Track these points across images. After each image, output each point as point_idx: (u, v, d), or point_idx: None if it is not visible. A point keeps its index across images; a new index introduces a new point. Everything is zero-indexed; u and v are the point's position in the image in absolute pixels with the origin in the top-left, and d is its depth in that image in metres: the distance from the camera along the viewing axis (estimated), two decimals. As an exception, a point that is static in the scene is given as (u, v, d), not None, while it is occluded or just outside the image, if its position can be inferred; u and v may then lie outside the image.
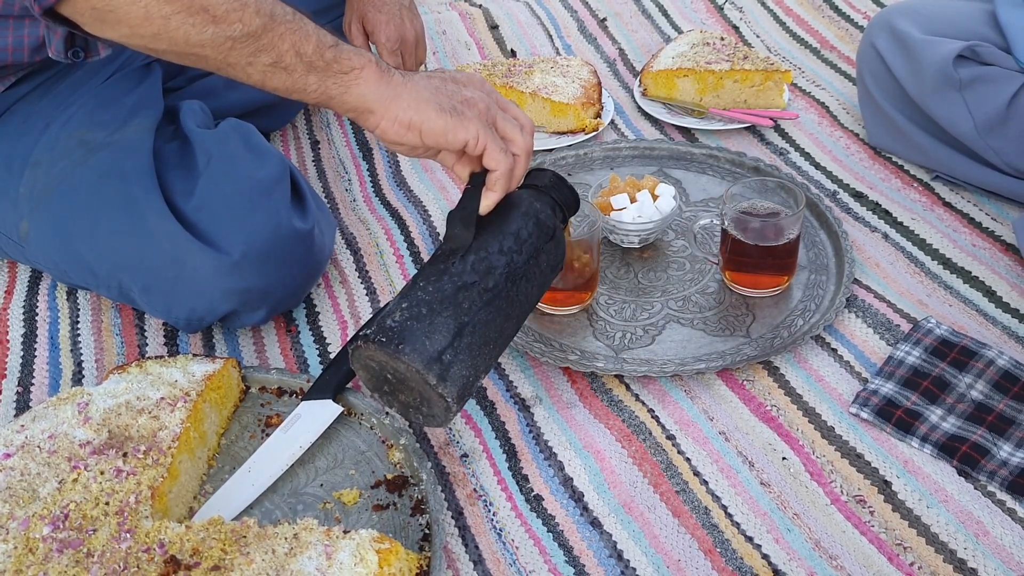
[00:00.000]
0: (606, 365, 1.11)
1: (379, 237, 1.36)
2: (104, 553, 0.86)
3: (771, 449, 1.05)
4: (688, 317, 1.18)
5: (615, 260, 1.27)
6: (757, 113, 1.52)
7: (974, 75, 1.28)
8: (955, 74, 1.28)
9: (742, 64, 1.53)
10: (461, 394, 0.89)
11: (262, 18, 0.85)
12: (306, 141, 1.57)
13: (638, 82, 1.61)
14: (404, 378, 0.88)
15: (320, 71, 0.88)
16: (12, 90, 1.19)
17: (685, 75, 1.54)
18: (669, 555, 0.95)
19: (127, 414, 0.98)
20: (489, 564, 0.96)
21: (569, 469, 1.04)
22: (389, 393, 0.93)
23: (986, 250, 1.28)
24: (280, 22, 0.86)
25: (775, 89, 1.52)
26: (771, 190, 1.20)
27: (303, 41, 0.87)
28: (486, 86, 0.95)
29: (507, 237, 0.93)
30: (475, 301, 0.89)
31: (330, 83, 0.89)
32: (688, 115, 1.54)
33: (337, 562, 0.84)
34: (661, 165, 1.43)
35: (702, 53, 1.57)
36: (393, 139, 0.92)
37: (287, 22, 0.86)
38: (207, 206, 1.11)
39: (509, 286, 0.92)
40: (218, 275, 1.09)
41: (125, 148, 1.14)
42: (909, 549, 0.95)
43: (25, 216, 1.17)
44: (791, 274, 1.21)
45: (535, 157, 1.45)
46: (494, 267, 0.91)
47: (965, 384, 1.07)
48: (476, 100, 0.91)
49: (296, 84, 0.88)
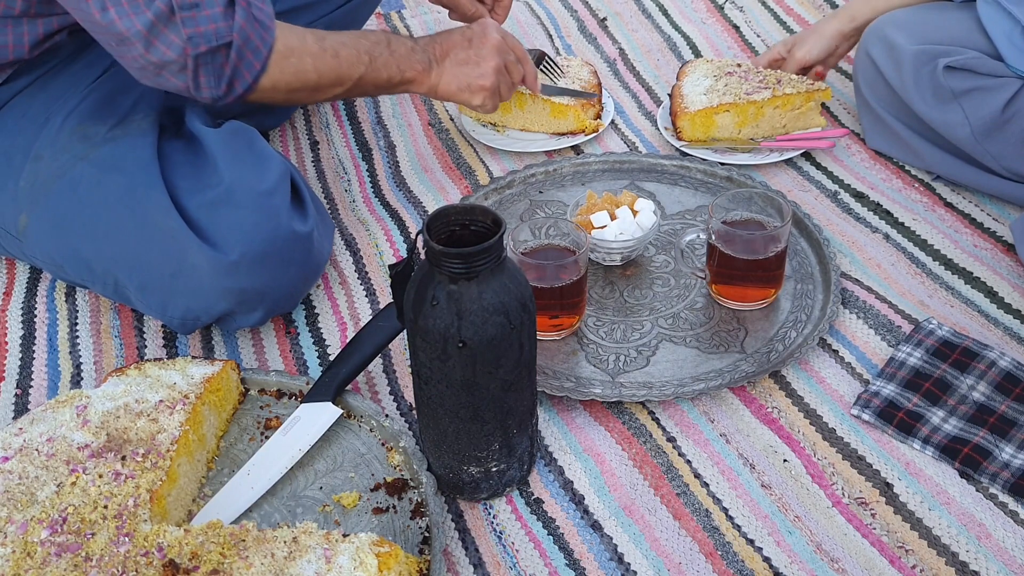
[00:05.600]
0: (604, 391, 1.09)
1: (379, 238, 1.36)
2: (102, 557, 0.85)
3: (772, 451, 1.04)
4: (681, 335, 1.16)
5: (598, 279, 1.24)
6: (810, 136, 1.45)
7: (967, 84, 1.28)
8: (946, 84, 1.28)
9: (782, 89, 1.46)
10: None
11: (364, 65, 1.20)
12: (305, 141, 1.57)
13: (670, 124, 1.51)
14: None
15: (393, 87, 1.25)
16: (11, 83, 1.19)
17: (726, 110, 1.45)
18: (670, 558, 0.95)
19: (126, 417, 0.98)
20: (489, 567, 0.95)
21: (569, 472, 1.03)
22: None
23: (987, 251, 1.27)
24: (376, 59, 1.21)
25: (814, 109, 1.47)
26: (753, 201, 1.19)
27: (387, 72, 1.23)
28: (496, 40, 1.28)
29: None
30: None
31: (398, 89, 1.26)
32: (738, 152, 1.45)
33: (336, 566, 0.83)
34: (633, 179, 1.41)
35: (732, 84, 1.48)
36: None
37: (380, 57, 1.21)
38: (208, 205, 1.11)
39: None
40: (215, 274, 1.09)
41: (128, 143, 1.14)
42: (911, 552, 0.94)
43: (24, 210, 1.17)
44: (779, 286, 1.20)
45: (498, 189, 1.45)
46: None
47: (967, 386, 1.07)
48: (487, 74, 1.28)
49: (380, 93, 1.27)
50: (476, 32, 1.28)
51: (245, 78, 1.10)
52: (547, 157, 1.48)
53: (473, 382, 0.90)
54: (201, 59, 1.06)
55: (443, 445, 0.96)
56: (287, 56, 1.12)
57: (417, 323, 0.89)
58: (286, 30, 1.13)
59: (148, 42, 1.04)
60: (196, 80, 1.08)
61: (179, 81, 1.08)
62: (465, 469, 0.97)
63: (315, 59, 1.15)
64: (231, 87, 1.10)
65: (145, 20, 1.02)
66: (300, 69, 1.14)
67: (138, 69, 1.08)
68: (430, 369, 0.91)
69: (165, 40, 1.04)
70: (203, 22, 1.05)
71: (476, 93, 1.28)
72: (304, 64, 1.14)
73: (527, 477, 1.02)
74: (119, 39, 1.04)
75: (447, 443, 0.96)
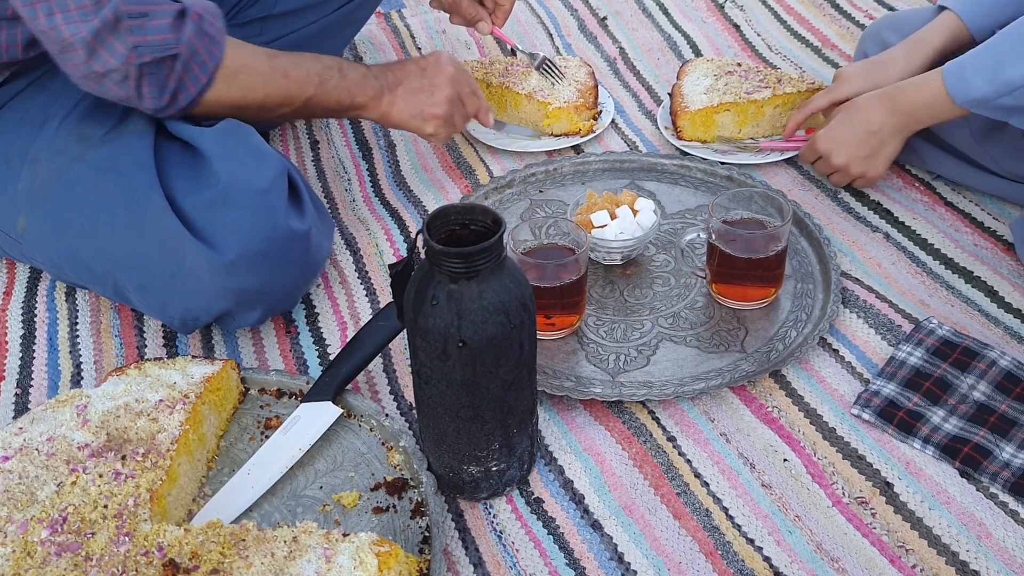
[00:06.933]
0: (604, 391, 1.09)
1: (379, 237, 1.36)
2: (103, 556, 0.85)
3: (772, 451, 1.04)
4: (681, 335, 1.16)
5: (598, 279, 1.24)
6: (806, 140, 1.43)
7: None
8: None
9: (783, 89, 1.46)
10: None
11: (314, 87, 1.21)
12: (305, 141, 1.57)
13: (670, 123, 1.51)
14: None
15: (343, 111, 1.27)
16: (8, 86, 1.19)
17: (727, 109, 1.45)
18: (670, 557, 0.95)
19: (126, 416, 0.98)
20: (489, 567, 0.95)
21: (569, 471, 1.03)
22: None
23: (988, 250, 1.27)
24: (326, 83, 1.22)
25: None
26: (753, 200, 1.19)
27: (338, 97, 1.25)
28: (450, 71, 1.29)
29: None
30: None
31: (349, 114, 1.28)
32: (739, 151, 1.45)
33: (337, 565, 0.83)
34: (633, 178, 1.41)
35: (733, 83, 1.48)
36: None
37: (330, 80, 1.22)
38: (205, 204, 1.10)
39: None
40: (214, 274, 1.09)
41: (125, 144, 1.14)
42: (911, 551, 0.94)
43: (23, 212, 1.17)
44: (779, 285, 1.20)
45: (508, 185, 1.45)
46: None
47: (967, 385, 1.07)
48: (440, 102, 1.29)
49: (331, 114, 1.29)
50: (430, 62, 1.30)
51: (190, 91, 1.11)
52: (547, 157, 1.48)
53: (473, 381, 0.90)
54: (145, 69, 1.07)
55: (443, 444, 0.96)
56: (235, 73, 1.14)
57: (417, 323, 0.89)
58: (237, 47, 1.15)
59: (92, 49, 1.04)
60: (139, 90, 1.08)
61: (121, 90, 1.09)
62: (465, 469, 0.97)
63: (264, 78, 1.16)
64: (175, 99, 1.11)
65: (91, 27, 1.03)
66: (247, 86, 1.15)
67: (80, 77, 1.08)
68: (430, 369, 0.91)
69: (109, 48, 1.04)
70: (151, 32, 1.06)
71: (428, 121, 1.29)
72: (252, 82, 1.15)
73: (527, 477, 1.02)
74: (62, 45, 1.05)
75: (447, 443, 0.96)
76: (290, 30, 1.47)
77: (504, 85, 1.52)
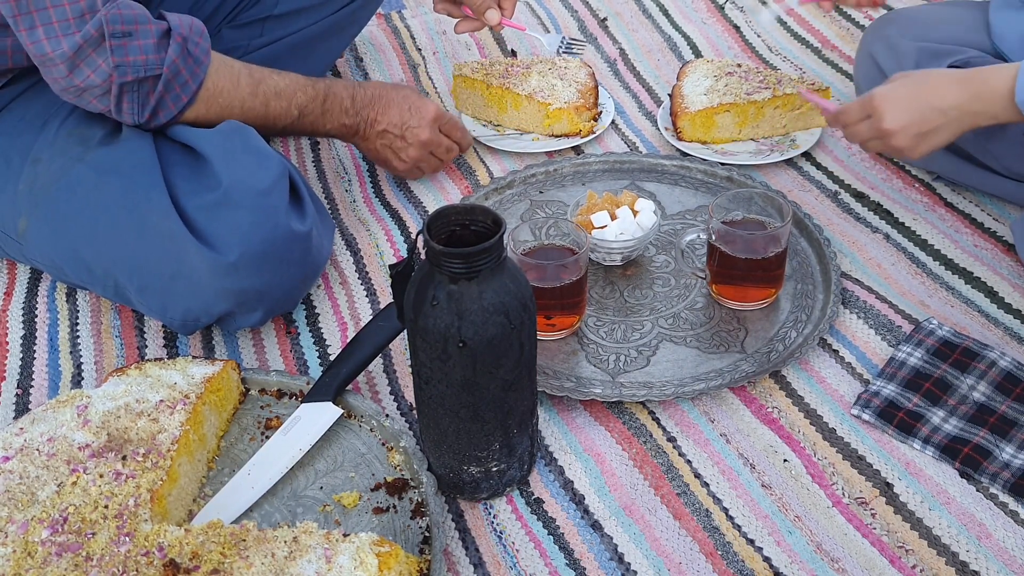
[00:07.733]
0: (604, 391, 1.09)
1: (379, 238, 1.36)
2: (103, 557, 0.85)
3: (772, 451, 1.04)
4: (681, 335, 1.16)
5: (598, 279, 1.24)
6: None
7: None
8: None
9: (783, 89, 1.46)
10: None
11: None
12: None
13: (670, 124, 1.50)
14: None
15: (318, 136, 1.36)
16: (9, 87, 1.19)
17: (727, 110, 1.45)
18: (670, 558, 0.95)
19: (126, 417, 0.98)
20: (489, 567, 0.95)
21: (569, 472, 1.03)
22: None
23: (988, 251, 1.27)
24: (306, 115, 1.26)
25: (815, 109, 1.45)
26: (753, 201, 1.19)
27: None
28: (425, 138, 1.35)
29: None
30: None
31: (323, 137, 1.40)
32: (738, 152, 1.45)
33: (337, 565, 0.83)
34: (633, 179, 1.41)
35: (733, 84, 1.48)
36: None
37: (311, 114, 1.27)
38: (207, 207, 1.11)
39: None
40: (214, 275, 1.09)
41: (125, 145, 1.14)
42: (911, 552, 0.94)
43: (24, 213, 1.17)
44: (779, 286, 1.20)
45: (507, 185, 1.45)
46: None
47: (967, 386, 1.07)
48: (405, 160, 1.38)
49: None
50: (413, 123, 1.34)
51: (170, 109, 1.13)
52: (547, 157, 1.48)
53: (473, 382, 0.90)
54: (126, 87, 1.08)
55: (443, 445, 0.96)
56: (216, 95, 1.16)
57: (417, 323, 0.89)
58: (222, 68, 1.16)
59: (73, 64, 1.05)
60: (119, 105, 1.10)
61: (101, 104, 1.10)
62: (465, 469, 0.97)
63: (243, 103, 1.19)
64: (154, 115, 1.12)
65: (73, 42, 1.03)
66: (227, 107, 1.17)
67: (60, 89, 1.09)
68: (430, 369, 0.91)
69: (91, 64, 1.05)
70: (133, 52, 1.06)
71: (392, 168, 1.40)
72: (231, 104, 1.17)
73: (527, 477, 1.02)
74: (42, 59, 1.05)
75: (447, 443, 0.96)
76: (290, 31, 1.47)
77: (504, 86, 1.52)
